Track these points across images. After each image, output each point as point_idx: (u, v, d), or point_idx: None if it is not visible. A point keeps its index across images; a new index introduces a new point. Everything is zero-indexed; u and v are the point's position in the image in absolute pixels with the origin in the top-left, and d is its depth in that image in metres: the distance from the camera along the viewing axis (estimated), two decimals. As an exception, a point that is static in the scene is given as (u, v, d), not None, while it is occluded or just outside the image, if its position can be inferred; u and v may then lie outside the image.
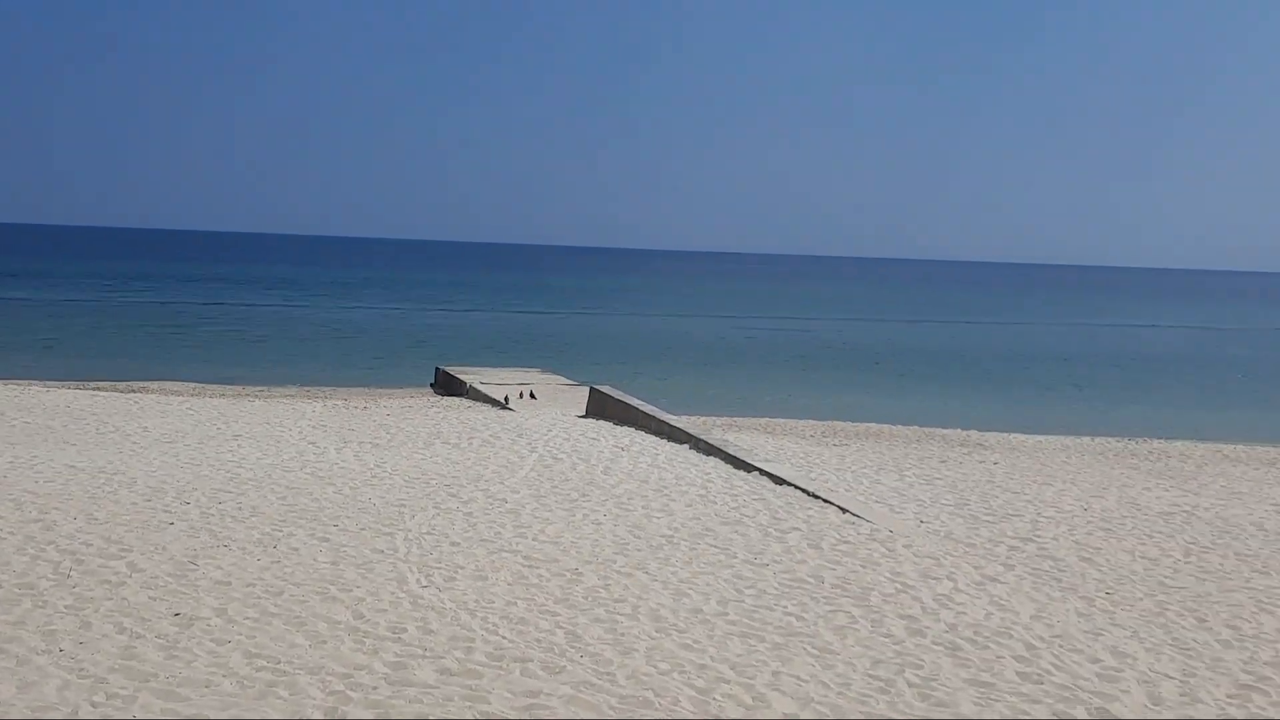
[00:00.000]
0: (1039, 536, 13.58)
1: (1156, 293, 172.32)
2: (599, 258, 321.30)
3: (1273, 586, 11.73)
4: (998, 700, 7.96)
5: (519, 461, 16.69)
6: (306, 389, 30.03)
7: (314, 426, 20.10)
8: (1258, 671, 8.99)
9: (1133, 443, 25.09)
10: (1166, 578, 11.91)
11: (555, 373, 32.66)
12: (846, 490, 15.99)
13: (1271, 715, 8.04)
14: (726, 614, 9.80)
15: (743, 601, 10.20)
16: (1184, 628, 10.12)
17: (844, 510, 14.27)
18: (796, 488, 15.49)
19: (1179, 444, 25.19)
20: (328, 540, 11.68)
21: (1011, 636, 9.48)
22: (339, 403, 25.25)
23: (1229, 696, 8.37)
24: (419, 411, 23.27)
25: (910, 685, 8.22)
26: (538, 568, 11.00)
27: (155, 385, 29.00)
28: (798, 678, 8.30)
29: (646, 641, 8.99)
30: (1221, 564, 12.66)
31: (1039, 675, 8.55)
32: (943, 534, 13.47)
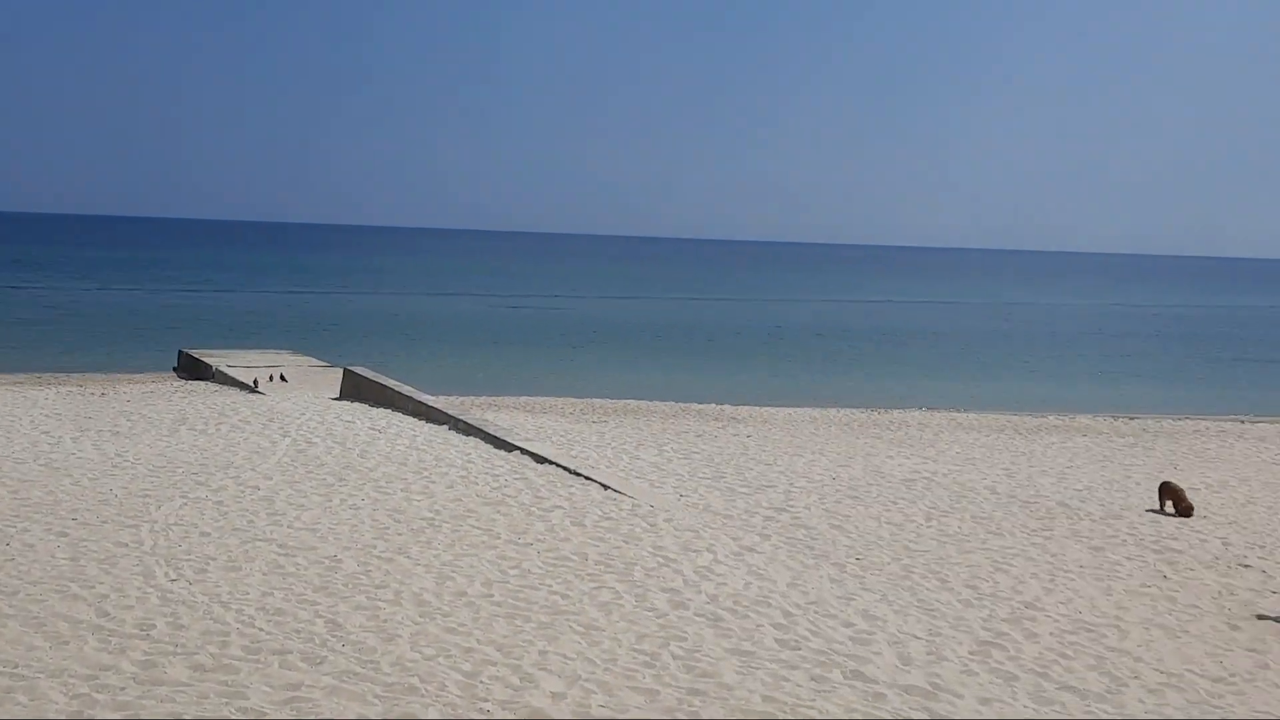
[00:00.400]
0: (792, 506, 14.04)
1: (896, 269, 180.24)
2: (350, 235, 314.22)
3: (1007, 547, 12.46)
4: (758, 668, 8.18)
5: (271, 447, 16.17)
6: (38, 375, 28.28)
7: (47, 415, 18.98)
8: (996, 628, 9.53)
9: (876, 413, 26.17)
10: (911, 542, 12.49)
11: (307, 354, 31.78)
12: (608, 467, 16.15)
13: (1009, 669, 8.53)
14: (491, 595, 9.75)
15: (507, 582, 10.16)
16: (928, 589, 10.64)
17: (605, 487, 14.39)
18: (558, 466, 15.53)
19: (917, 413, 26.44)
20: (66, 535, 11.05)
21: (770, 605, 9.76)
22: (74, 389, 23.90)
23: (971, 653, 8.84)
24: (162, 397, 22.26)
25: (674, 658, 8.35)
26: (294, 556, 10.69)
27: None
28: (564, 656, 8.33)
29: (410, 627, 8.85)
30: (960, 527, 13.38)
31: (796, 641, 8.82)
32: (701, 507, 13.76)
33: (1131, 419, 26.68)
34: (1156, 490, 15.48)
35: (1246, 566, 12.34)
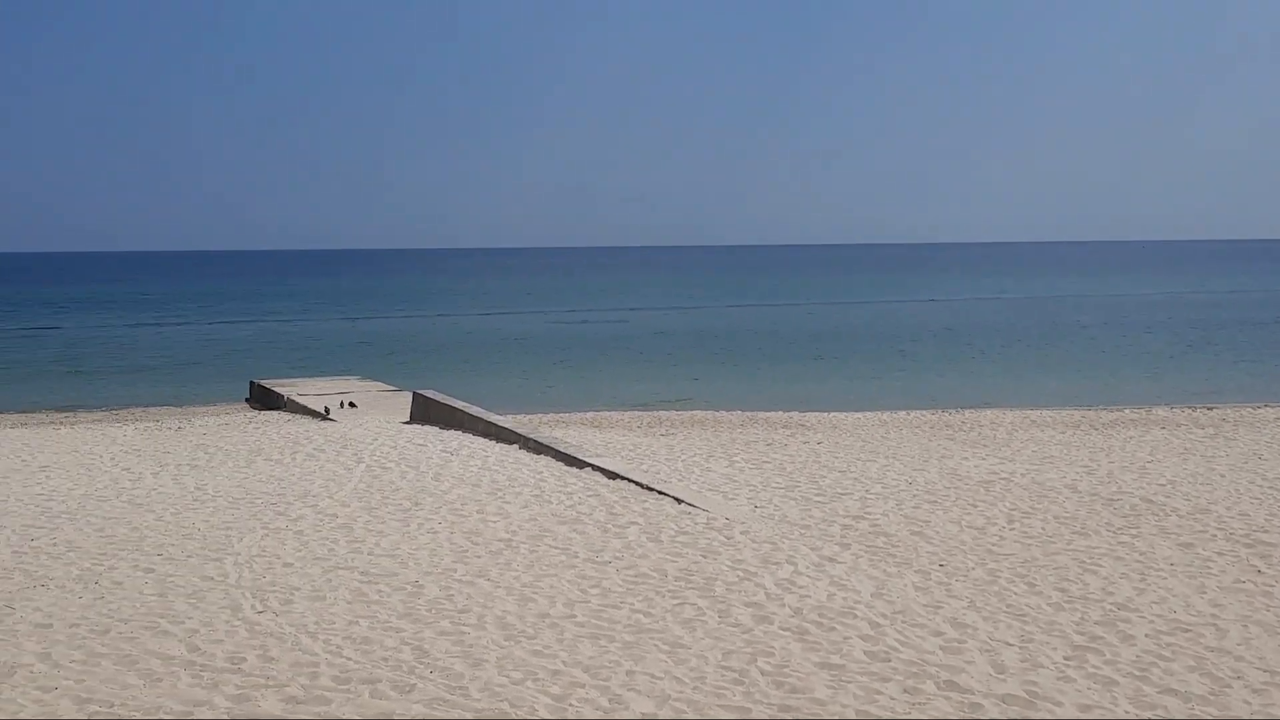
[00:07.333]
0: (870, 513, 13.88)
1: (944, 267, 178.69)
2: (391, 259, 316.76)
3: (1093, 547, 12.24)
4: (850, 681, 8.08)
5: (346, 474, 16.28)
6: (114, 412, 28.77)
7: (127, 451, 19.24)
8: (1090, 631, 9.35)
9: (946, 414, 25.91)
10: (994, 545, 12.31)
11: (374, 379, 32.03)
12: (679, 480, 16.08)
13: (1106, 673, 8.36)
14: (574, 616, 9.72)
15: (589, 602, 10.13)
16: (1016, 593, 10.47)
17: (679, 501, 14.32)
18: (630, 481, 15.48)
19: (989, 412, 26.14)
20: (153, 571, 11.16)
21: (855, 616, 9.65)
22: (150, 424, 24.23)
23: (1066, 659, 8.68)
24: (237, 428, 22.50)
25: (763, 674, 8.27)
26: (377, 583, 10.73)
27: (-53, 417, 27.37)
28: (652, 675, 8.27)
29: (496, 651, 8.84)
30: (1043, 528, 13.16)
31: (886, 653, 8.71)
32: (777, 518, 13.65)
33: (1210, 409, 26.22)
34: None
35: (1342, 558, 12.04)
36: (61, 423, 26.16)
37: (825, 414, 26.12)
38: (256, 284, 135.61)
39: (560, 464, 16.92)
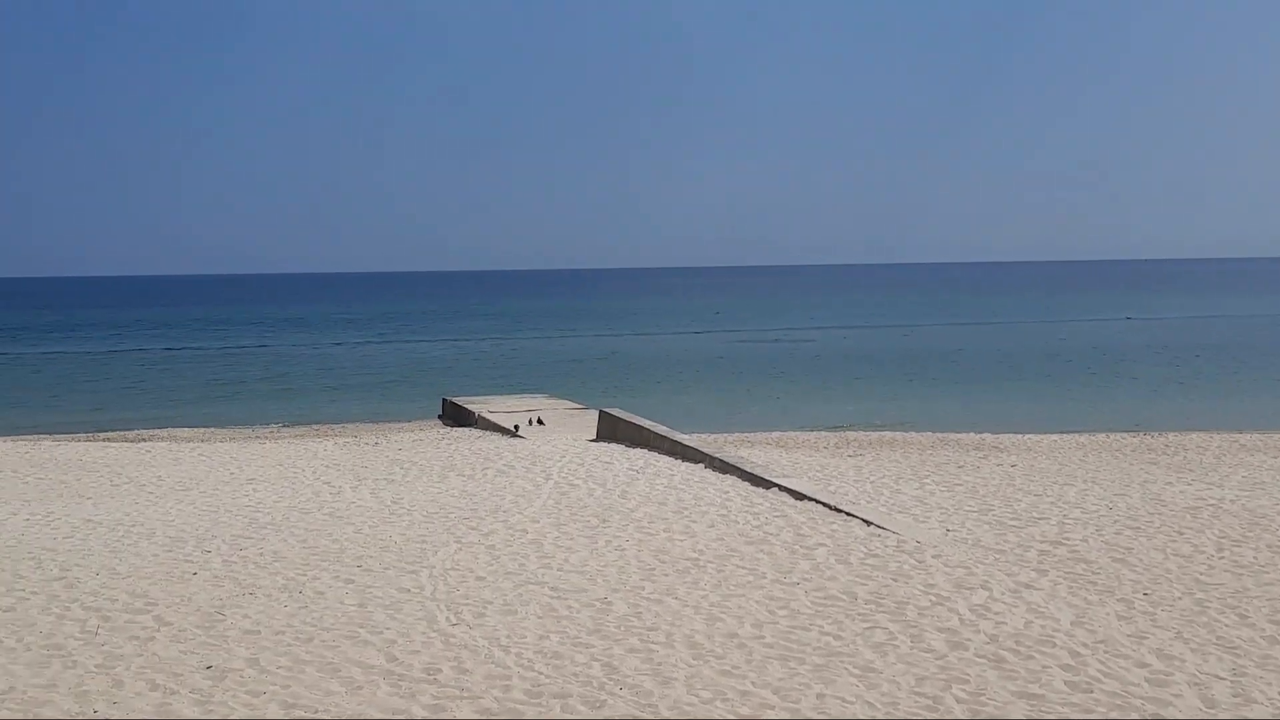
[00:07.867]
0: (1068, 539, 13.43)
1: (1134, 284, 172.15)
2: (565, 279, 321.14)
3: (1311, 578, 11.59)
4: (1050, 712, 7.82)
5: (535, 490, 16.56)
6: (315, 427, 29.91)
7: (327, 465, 19.97)
8: (1308, 668, 8.86)
9: (1149, 436, 24.93)
10: (1202, 574, 11.77)
11: (561, 397, 32.53)
12: (868, 502, 15.85)
13: (1328, 712, 7.90)
14: (763, 637, 9.66)
15: (777, 623, 10.05)
16: (1227, 625, 9.98)
17: (868, 523, 14.11)
18: (818, 502, 15.32)
19: (1195, 435, 25.05)
20: (353, 582, 11.54)
21: (1055, 644, 9.34)
22: (349, 439, 25.12)
23: (1283, 695, 8.24)
24: (430, 444, 23.15)
25: (959, 701, 8.07)
26: (566, 598, 10.86)
27: (164, 433, 28.87)
28: (843, 699, 8.16)
29: (685, 670, 8.85)
30: (1255, 557, 12.52)
31: (1088, 684, 8.40)
32: (971, 542, 13.33)
33: None
34: None
35: None
36: (267, 437, 27.34)
37: (1018, 435, 25.41)
38: (458, 304, 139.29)
39: (746, 484, 16.86)
